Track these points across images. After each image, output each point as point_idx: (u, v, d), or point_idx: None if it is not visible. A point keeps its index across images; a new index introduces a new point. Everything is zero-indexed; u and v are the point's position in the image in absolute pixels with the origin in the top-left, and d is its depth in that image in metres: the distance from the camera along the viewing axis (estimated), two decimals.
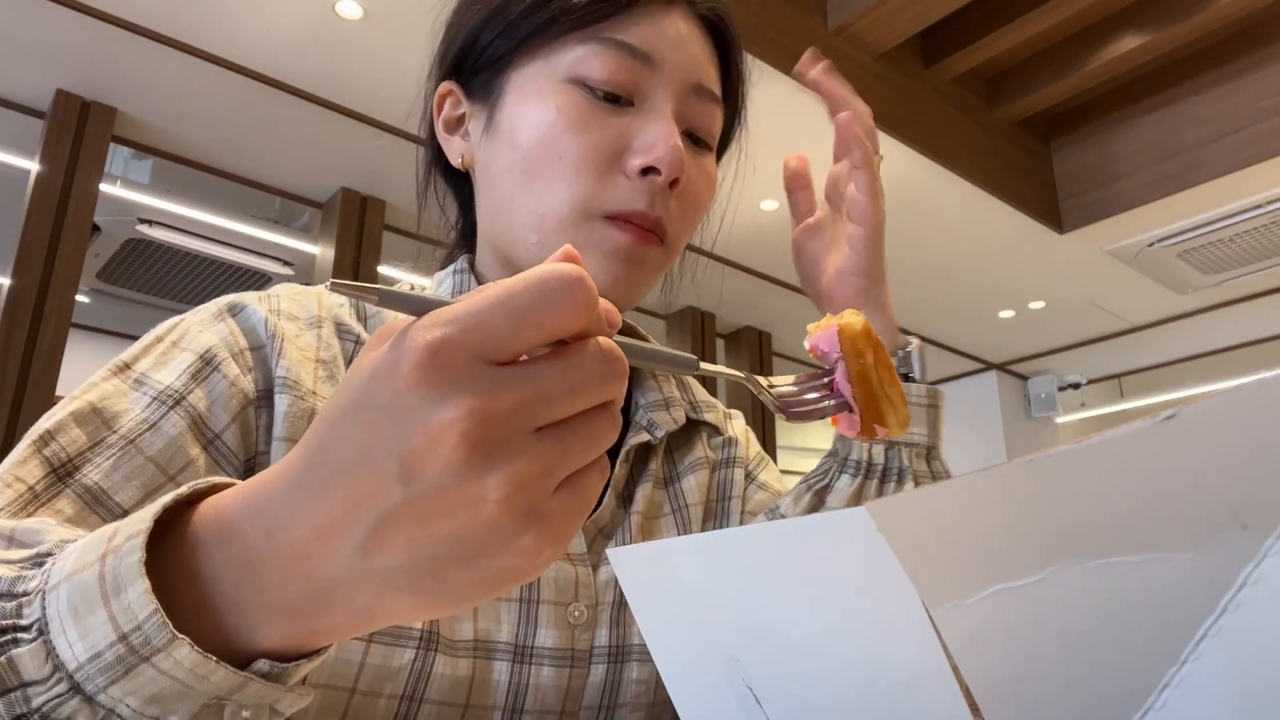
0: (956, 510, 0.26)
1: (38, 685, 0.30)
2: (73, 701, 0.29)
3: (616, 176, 0.58)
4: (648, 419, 0.67)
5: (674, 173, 0.57)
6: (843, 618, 0.31)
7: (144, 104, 2.38)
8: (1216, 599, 0.22)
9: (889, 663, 0.30)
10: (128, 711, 0.29)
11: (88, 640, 0.29)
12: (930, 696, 0.28)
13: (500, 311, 0.27)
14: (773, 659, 0.35)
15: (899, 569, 0.27)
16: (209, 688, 0.30)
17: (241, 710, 0.31)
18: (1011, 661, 0.26)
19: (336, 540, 0.28)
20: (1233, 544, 0.22)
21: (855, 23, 2.42)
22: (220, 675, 0.29)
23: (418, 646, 0.51)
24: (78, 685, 0.29)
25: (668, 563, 0.38)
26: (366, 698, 0.50)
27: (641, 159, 0.57)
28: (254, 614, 0.30)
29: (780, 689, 0.35)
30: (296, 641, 0.31)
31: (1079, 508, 0.24)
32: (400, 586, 0.28)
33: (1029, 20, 2.47)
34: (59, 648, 0.30)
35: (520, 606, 0.56)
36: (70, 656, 0.30)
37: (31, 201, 2.21)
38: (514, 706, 0.55)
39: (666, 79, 0.60)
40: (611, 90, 0.58)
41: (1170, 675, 0.23)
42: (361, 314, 0.61)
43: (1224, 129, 2.73)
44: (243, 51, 2.21)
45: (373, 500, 0.27)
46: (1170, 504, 0.22)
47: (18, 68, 2.24)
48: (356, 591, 0.29)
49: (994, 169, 2.89)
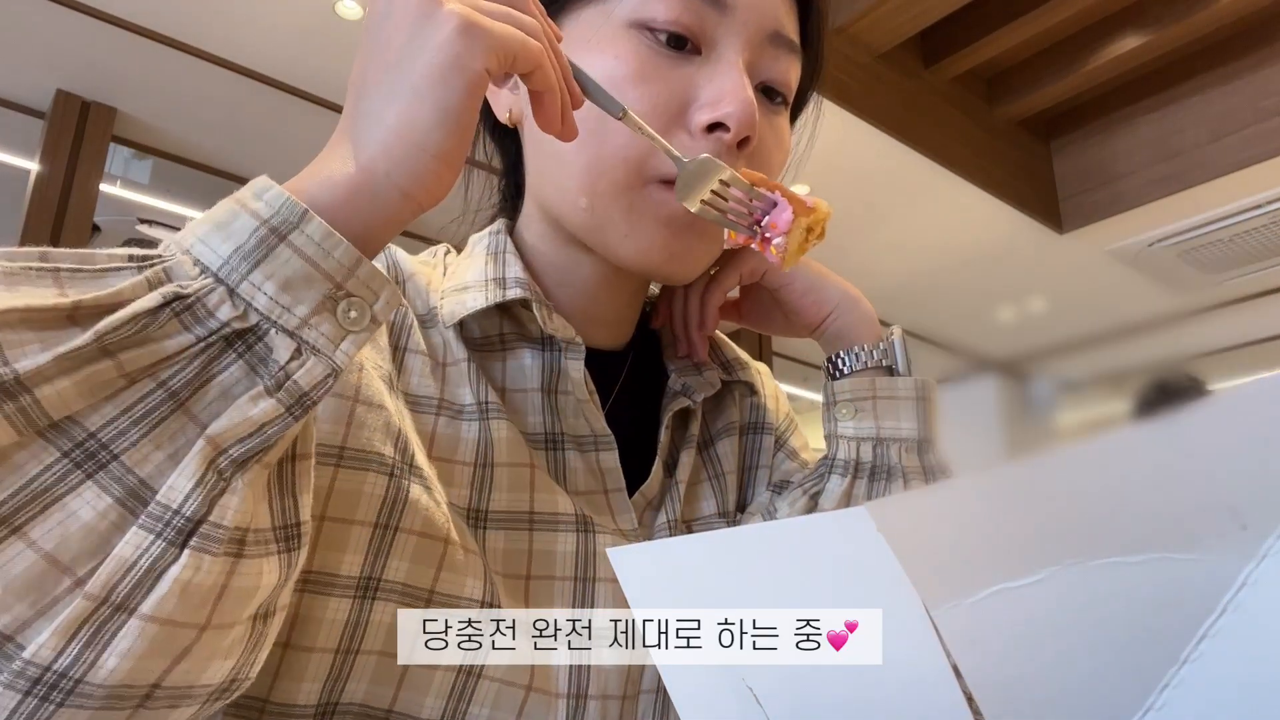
0: (956, 510, 0.26)
1: (189, 281, 0.35)
2: (219, 291, 0.35)
3: (679, 134, 0.53)
4: (682, 383, 0.65)
5: (744, 130, 0.52)
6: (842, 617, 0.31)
7: (144, 104, 2.38)
8: (1216, 599, 0.22)
9: (889, 662, 0.30)
10: (264, 300, 0.35)
11: (232, 238, 0.36)
12: (930, 696, 0.28)
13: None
14: (772, 658, 0.35)
15: (899, 569, 0.27)
16: (331, 265, 0.36)
17: (350, 309, 0.37)
18: (1011, 661, 0.26)
19: (347, 119, 0.40)
20: (1233, 544, 0.22)
21: (855, 23, 2.42)
22: (342, 249, 0.37)
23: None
24: (221, 278, 0.35)
25: (668, 562, 0.38)
26: (422, 670, 0.49)
27: (709, 114, 0.52)
28: (313, 172, 0.40)
29: (780, 689, 0.35)
30: (347, 194, 0.39)
31: (1079, 508, 0.24)
32: (388, 99, 0.39)
33: (1029, 20, 2.47)
34: (203, 256, 0.36)
35: (575, 585, 0.54)
36: (214, 258, 0.36)
37: (31, 201, 2.21)
38: (577, 691, 0.52)
39: (740, 25, 0.54)
40: (678, 32, 0.53)
41: (1170, 675, 0.24)
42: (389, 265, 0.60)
43: (1224, 129, 2.73)
44: (243, 51, 2.21)
45: (362, 61, 0.41)
46: (1170, 504, 0.22)
47: (18, 68, 2.23)
48: (365, 125, 0.39)
49: (994, 169, 2.89)
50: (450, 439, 0.54)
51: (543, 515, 0.55)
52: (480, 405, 0.55)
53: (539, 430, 0.58)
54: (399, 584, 0.49)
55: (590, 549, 0.55)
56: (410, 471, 0.50)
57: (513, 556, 0.53)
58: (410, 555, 0.49)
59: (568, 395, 0.58)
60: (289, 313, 0.36)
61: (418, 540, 0.49)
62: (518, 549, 0.54)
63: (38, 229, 2.20)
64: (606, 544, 0.55)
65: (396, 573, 0.49)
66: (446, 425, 0.55)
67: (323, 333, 0.36)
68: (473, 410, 0.55)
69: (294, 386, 0.36)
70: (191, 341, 0.34)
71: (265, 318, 0.35)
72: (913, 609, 0.27)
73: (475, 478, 0.54)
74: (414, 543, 0.49)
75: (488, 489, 0.54)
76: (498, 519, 0.54)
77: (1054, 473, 0.24)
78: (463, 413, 0.55)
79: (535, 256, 0.63)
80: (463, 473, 0.54)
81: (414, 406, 0.54)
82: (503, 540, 0.53)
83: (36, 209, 2.21)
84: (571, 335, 0.57)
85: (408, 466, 0.50)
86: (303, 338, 0.36)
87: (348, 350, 0.37)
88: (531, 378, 0.58)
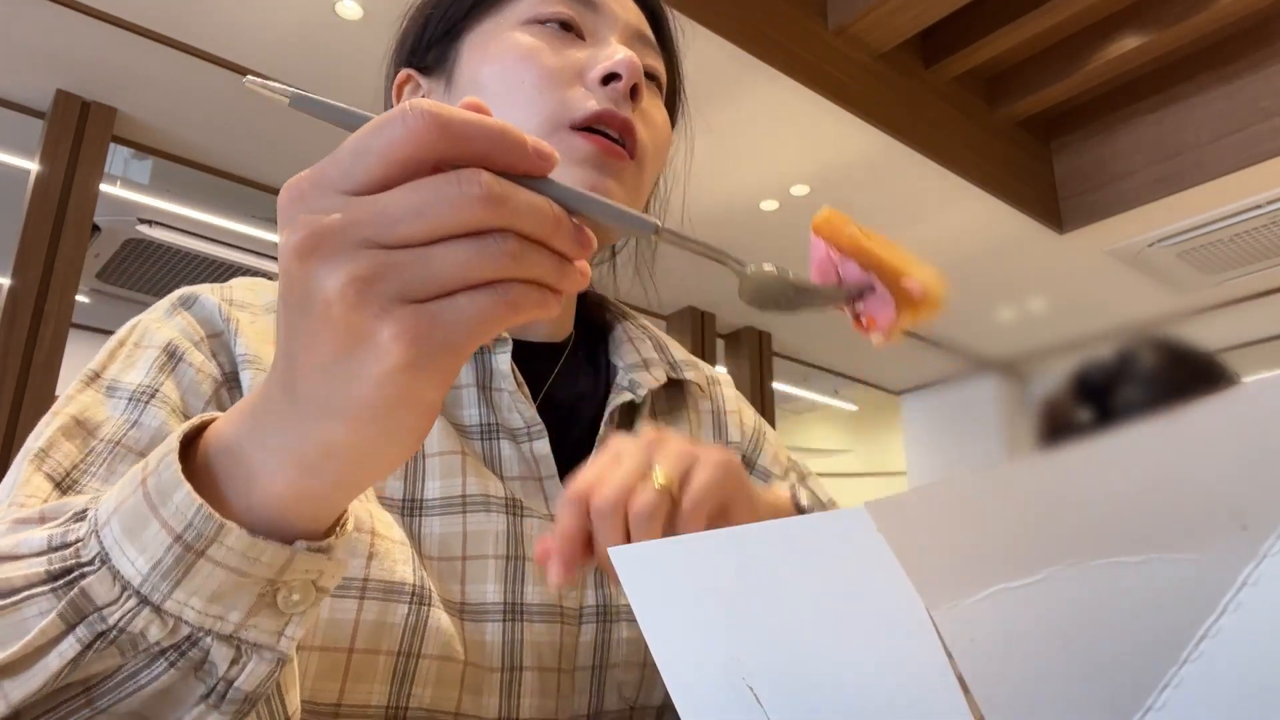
0: (956, 510, 0.26)
1: (111, 606, 0.32)
2: (144, 613, 0.32)
3: (578, 89, 0.59)
4: (628, 379, 0.66)
5: (634, 76, 0.58)
6: (842, 617, 0.31)
7: (144, 104, 2.38)
8: (1216, 599, 0.22)
9: (889, 662, 0.30)
10: (193, 615, 0.32)
11: (146, 553, 0.32)
12: (930, 697, 0.28)
13: (347, 146, 0.30)
14: (772, 658, 0.35)
15: (899, 569, 0.27)
16: (261, 570, 0.32)
17: (292, 594, 0.34)
18: (1011, 661, 0.26)
19: (281, 390, 0.32)
20: (1233, 544, 0.22)
21: (855, 23, 2.42)
22: (270, 553, 0.32)
23: (410, 602, 0.51)
24: (145, 597, 0.32)
25: (667, 561, 0.38)
26: (365, 656, 0.50)
27: (602, 67, 0.58)
28: (250, 475, 0.33)
29: (780, 687, 0.35)
30: (312, 504, 0.33)
31: (1079, 508, 0.24)
32: (328, 413, 0.31)
33: (1029, 20, 2.47)
34: (122, 569, 0.32)
35: (507, 564, 0.56)
36: (134, 573, 0.32)
37: (31, 201, 2.21)
38: (512, 663, 0.54)
39: (611, 18, 0.62)
40: (564, 21, 0.61)
41: (1170, 675, 0.24)
42: None
43: (1224, 129, 2.73)
44: (243, 51, 2.21)
45: (285, 339, 0.31)
46: (1170, 504, 0.22)
47: (18, 68, 2.23)
48: (307, 428, 0.31)
49: (994, 169, 2.89)
50: None
51: (475, 497, 0.57)
52: None
53: (475, 422, 0.60)
54: None
55: (519, 530, 0.57)
56: None
57: (448, 540, 0.56)
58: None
59: (500, 391, 0.61)
60: (222, 620, 0.33)
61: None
62: (452, 531, 0.56)
63: (38, 229, 2.20)
64: (535, 527, 0.58)
65: None
66: None
67: (262, 629, 0.34)
68: None
69: (237, 694, 0.34)
70: (116, 663, 0.33)
71: (198, 627, 0.33)
72: (913, 609, 0.27)
73: (408, 470, 0.57)
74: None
75: (421, 479, 0.57)
76: (433, 505, 0.56)
77: (1054, 473, 0.24)
78: None
79: None
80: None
81: None
82: (438, 525, 0.56)
83: (36, 209, 2.21)
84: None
85: None
86: (241, 639, 0.33)
87: (292, 635, 0.35)
88: (464, 374, 0.61)
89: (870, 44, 2.52)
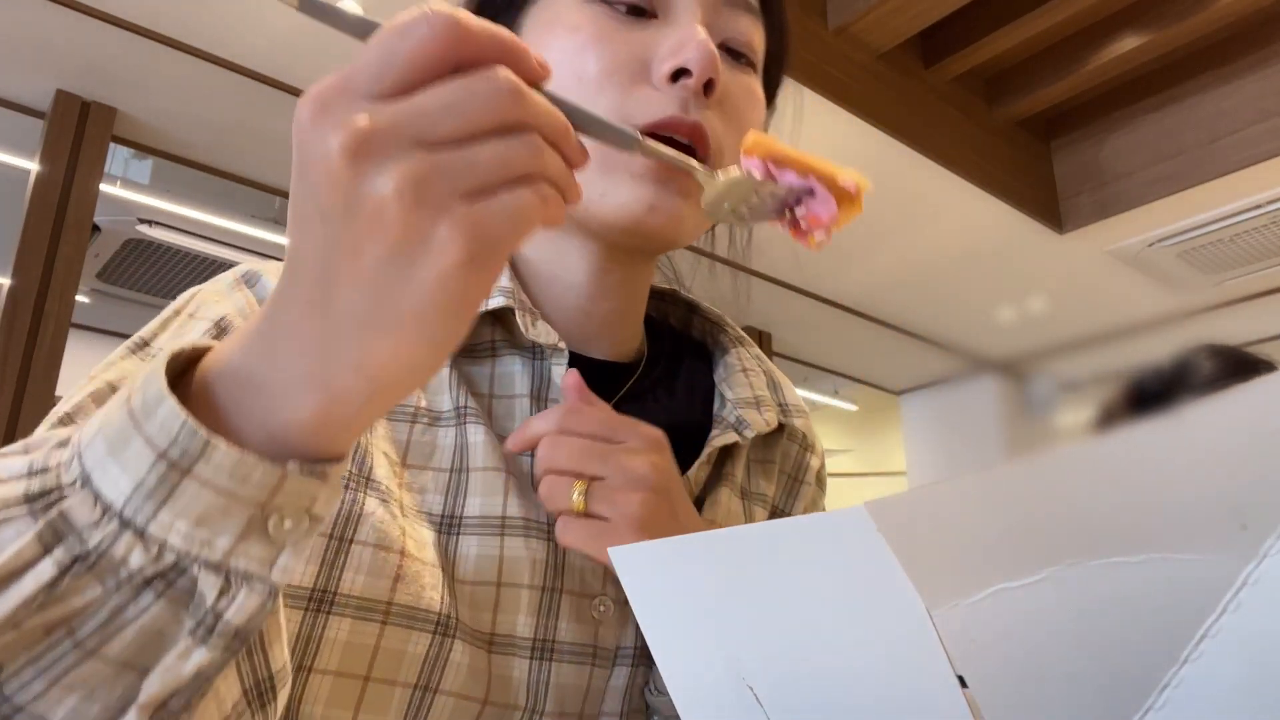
0: (956, 510, 0.26)
1: (91, 528, 0.30)
2: (126, 536, 0.30)
3: (643, 89, 0.53)
4: (736, 415, 0.61)
5: (707, 72, 0.52)
6: (842, 617, 0.31)
7: (144, 104, 2.38)
8: (1216, 599, 0.22)
9: (889, 662, 0.30)
10: (179, 539, 0.30)
11: (129, 471, 0.30)
12: (930, 697, 0.28)
13: (373, 51, 0.29)
14: (773, 658, 0.35)
15: (899, 569, 0.27)
16: (250, 491, 0.31)
17: (284, 520, 0.32)
18: (1011, 661, 0.26)
19: (307, 309, 0.30)
20: (1233, 544, 0.22)
21: (855, 23, 2.42)
22: (260, 472, 0.31)
23: (433, 631, 0.49)
24: (128, 520, 0.30)
25: (668, 561, 0.38)
26: (380, 686, 0.48)
27: (670, 62, 0.52)
28: (271, 402, 0.31)
29: (780, 688, 0.35)
30: (335, 430, 0.32)
31: (1079, 508, 0.24)
32: (370, 326, 0.30)
33: (1029, 20, 2.47)
34: (104, 490, 0.30)
35: (542, 595, 0.53)
36: (116, 494, 0.30)
37: (31, 201, 2.21)
38: (534, 705, 0.52)
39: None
40: (635, 2, 0.54)
41: (1170, 675, 0.23)
42: None
43: (1224, 129, 2.73)
44: (243, 51, 2.21)
45: (314, 254, 0.30)
46: (1170, 504, 0.22)
47: (18, 68, 2.23)
48: (340, 347, 0.30)
49: (994, 169, 2.89)
50: (426, 445, 0.54)
51: (514, 520, 0.53)
52: (457, 410, 0.55)
53: None
54: (354, 597, 0.48)
55: (559, 560, 0.54)
56: (366, 485, 0.50)
57: (484, 563, 0.52)
58: (365, 568, 0.48)
59: (557, 402, 0.58)
60: (209, 546, 0.31)
61: (373, 552, 0.49)
62: (489, 554, 0.53)
63: (38, 229, 2.20)
64: (578, 559, 0.54)
65: (352, 586, 0.48)
66: (423, 432, 0.54)
67: (252, 557, 0.32)
68: (450, 416, 0.55)
69: (226, 628, 0.31)
70: (98, 595, 0.30)
71: (184, 554, 0.31)
72: (913, 609, 0.27)
73: (450, 484, 0.53)
74: (369, 555, 0.49)
75: (462, 495, 0.53)
76: (471, 524, 0.53)
77: (1054, 473, 0.24)
78: (440, 419, 0.55)
79: (523, 263, 0.63)
80: (437, 479, 0.54)
81: (389, 415, 0.54)
82: (475, 546, 0.52)
83: (36, 209, 2.21)
84: (554, 341, 0.57)
85: (363, 480, 0.50)
86: (230, 567, 0.31)
87: (285, 565, 0.33)
88: (520, 384, 0.58)
89: (870, 44, 2.52)
